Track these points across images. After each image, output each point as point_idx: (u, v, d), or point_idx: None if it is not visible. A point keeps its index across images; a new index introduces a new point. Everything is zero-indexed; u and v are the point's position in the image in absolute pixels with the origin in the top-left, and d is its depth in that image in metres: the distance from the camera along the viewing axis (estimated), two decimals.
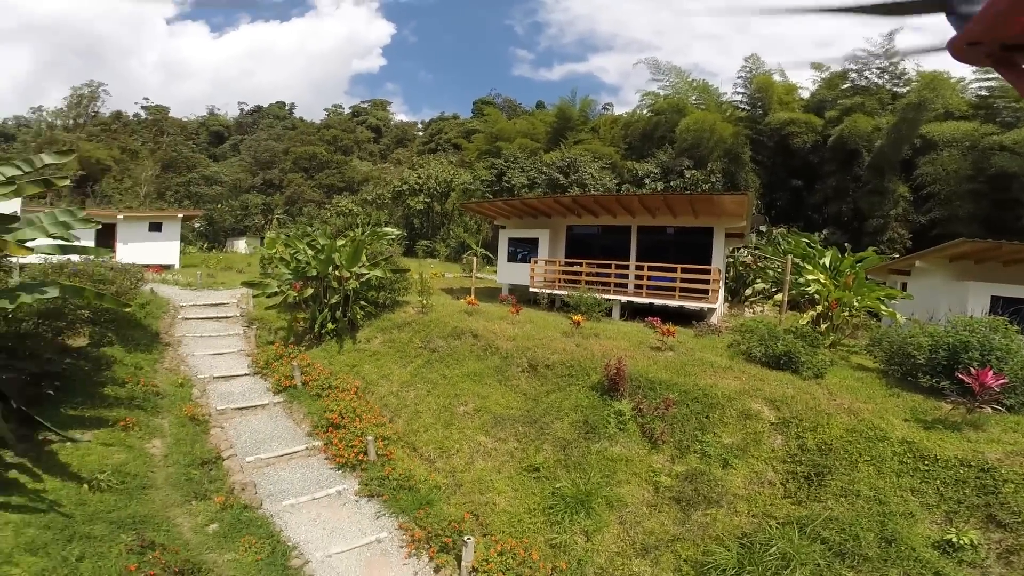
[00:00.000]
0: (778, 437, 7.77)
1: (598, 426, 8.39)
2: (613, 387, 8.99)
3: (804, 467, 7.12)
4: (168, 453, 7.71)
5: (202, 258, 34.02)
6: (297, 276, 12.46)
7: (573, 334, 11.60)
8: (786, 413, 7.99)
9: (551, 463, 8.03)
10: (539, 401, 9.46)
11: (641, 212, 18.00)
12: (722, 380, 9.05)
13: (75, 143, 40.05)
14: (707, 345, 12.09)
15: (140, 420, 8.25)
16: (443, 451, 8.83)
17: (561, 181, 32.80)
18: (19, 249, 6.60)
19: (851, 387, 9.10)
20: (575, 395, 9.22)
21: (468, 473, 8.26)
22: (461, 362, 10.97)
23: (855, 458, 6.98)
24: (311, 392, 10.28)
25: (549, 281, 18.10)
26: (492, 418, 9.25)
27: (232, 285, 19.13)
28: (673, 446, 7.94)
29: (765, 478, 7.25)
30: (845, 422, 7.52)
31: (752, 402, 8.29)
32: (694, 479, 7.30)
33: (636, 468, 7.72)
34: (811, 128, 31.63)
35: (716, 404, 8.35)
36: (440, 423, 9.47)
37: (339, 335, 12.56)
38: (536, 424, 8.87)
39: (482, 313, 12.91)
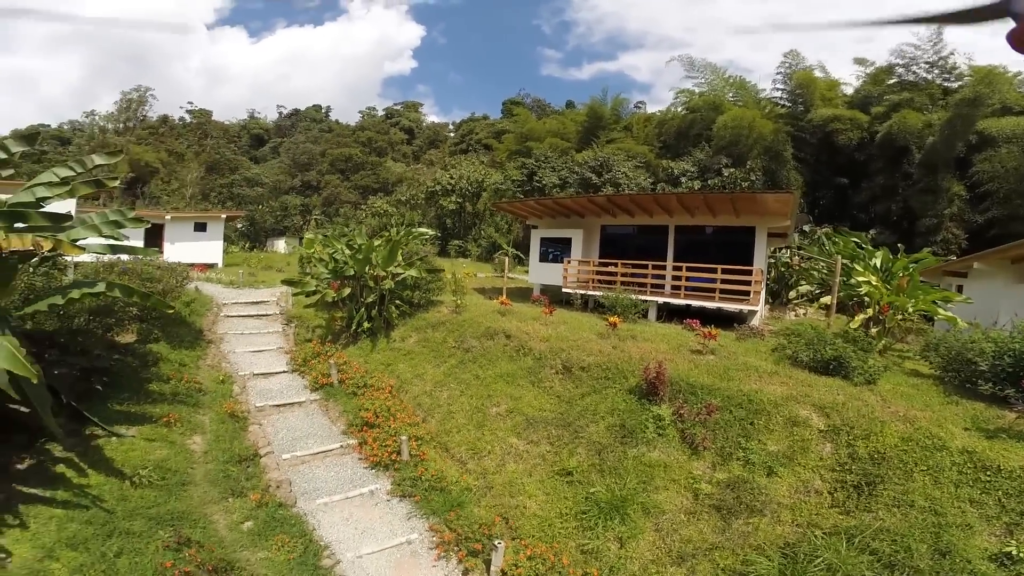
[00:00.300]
0: (827, 445, 7.32)
1: (635, 430, 8.11)
2: (652, 391, 8.68)
3: (854, 476, 6.74)
4: (208, 449, 7.81)
5: (243, 257, 35.07)
6: (335, 276, 12.58)
7: (609, 336, 11.28)
8: (836, 420, 7.54)
9: (585, 467, 7.81)
10: (573, 404, 9.22)
11: (679, 211, 17.48)
12: (767, 385, 8.63)
13: (125, 146, 41.91)
14: (750, 349, 11.61)
15: (183, 416, 8.40)
16: (475, 452, 8.71)
17: (594, 180, 32.35)
18: (72, 248, 6.76)
19: (906, 394, 8.60)
20: (611, 398, 8.94)
21: (499, 475, 8.11)
22: (494, 363, 10.82)
23: (910, 467, 6.59)
24: (347, 390, 10.31)
25: (583, 281, 17.77)
26: (525, 420, 9.09)
27: (272, 284, 19.56)
28: (715, 453, 7.60)
29: (812, 487, 6.82)
30: (900, 430, 7.09)
31: (800, 408, 7.87)
32: (736, 487, 6.96)
33: (675, 474, 7.43)
34: (856, 125, 30.27)
35: (761, 410, 7.95)
36: (472, 424, 9.36)
37: (374, 334, 12.60)
38: (570, 427, 8.66)
39: (515, 313, 12.73)
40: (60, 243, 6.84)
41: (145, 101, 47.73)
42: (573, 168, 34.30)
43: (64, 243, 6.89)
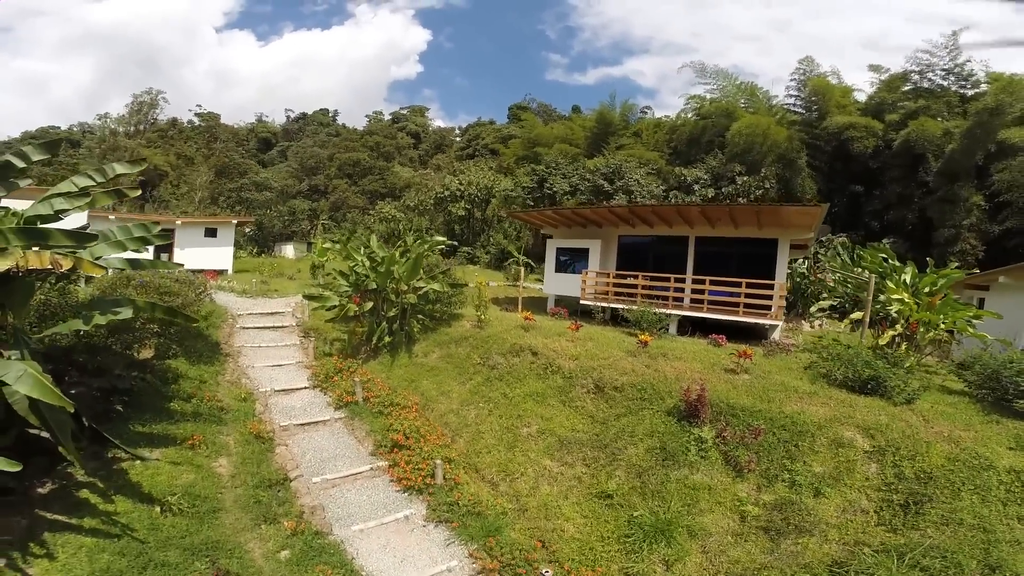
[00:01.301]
0: (872, 465, 7.34)
1: (677, 453, 8.01)
2: (693, 413, 8.54)
3: (900, 495, 6.83)
4: (235, 473, 7.55)
5: (254, 263, 34.90)
6: (356, 289, 12.33)
7: (639, 354, 11.00)
8: (881, 441, 7.58)
9: (625, 490, 7.71)
10: (608, 425, 9.03)
11: (700, 222, 17.23)
12: (809, 407, 8.58)
13: (137, 149, 41.88)
14: (781, 367, 11.36)
15: (207, 437, 8.14)
16: (507, 474, 8.52)
17: (606, 188, 32.10)
18: (94, 267, 6.52)
19: (946, 413, 8.51)
20: (649, 420, 8.79)
21: (533, 498, 7.95)
22: (522, 381, 10.57)
23: (957, 487, 6.69)
24: (372, 408, 10.05)
25: (601, 293, 17.50)
26: (557, 441, 8.91)
27: (285, 292, 19.31)
28: (759, 475, 7.56)
29: (858, 506, 6.86)
30: (945, 450, 7.21)
31: (844, 430, 7.88)
32: (784, 508, 7.00)
33: (720, 497, 7.38)
34: (871, 132, 29.99)
35: (805, 432, 7.94)
36: (503, 445, 9.15)
37: (396, 348, 12.35)
38: (606, 449, 8.50)
39: (539, 329, 12.46)
40: (81, 262, 6.60)
41: (156, 104, 47.83)
42: (584, 175, 34.04)
43: (85, 262, 6.65)
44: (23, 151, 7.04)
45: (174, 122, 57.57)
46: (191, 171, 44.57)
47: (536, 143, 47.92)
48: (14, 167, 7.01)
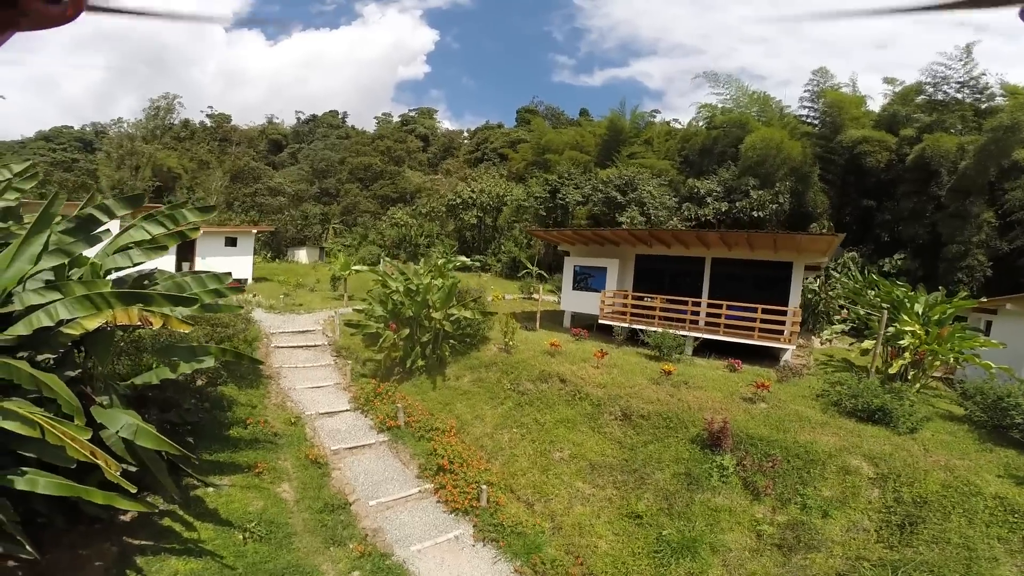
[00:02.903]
0: (875, 490, 8.37)
1: (701, 478, 8.93)
2: (716, 442, 9.42)
3: (898, 517, 7.78)
4: (299, 498, 8.34)
5: (269, 268, 35.73)
6: (393, 316, 13.09)
7: (662, 382, 11.77)
8: (884, 469, 8.54)
9: (654, 511, 8.65)
10: (636, 451, 9.90)
11: (718, 245, 17.93)
12: (821, 436, 9.45)
13: (153, 155, 42.79)
14: (795, 394, 12.16)
15: (267, 463, 8.93)
16: (541, 495, 9.37)
17: (619, 200, 32.75)
18: (181, 324, 7.19)
19: (945, 442, 9.51)
20: (675, 447, 9.67)
21: (568, 517, 8.83)
22: (552, 407, 11.34)
23: (948, 510, 7.65)
24: (414, 433, 10.85)
25: (619, 312, 18.21)
26: (588, 465, 9.78)
27: (311, 308, 20.06)
28: (775, 498, 8.50)
29: (861, 526, 7.81)
30: (941, 478, 8.12)
31: (851, 458, 8.77)
32: (795, 528, 8.01)
33: (739, 518, 8.34)
34: (885, 146, 30.44)
35: (816, 460, 8.85)
36: (536, 468, 9.99)
37: (429, 371, 13.13)
38: (635, 473, 9.39)
39: (565, 354, 13.21)
40: (169, 319, 7.21)
41: (173, 108, 48.79)
42: (597, 186, 34.68)
43: (173, 319, 7.28)
44: (107, 206, 7.72)
45: (186, 123, 58.45)
46: (205, 175, 45.46)
47: (546, 149, 48.51)
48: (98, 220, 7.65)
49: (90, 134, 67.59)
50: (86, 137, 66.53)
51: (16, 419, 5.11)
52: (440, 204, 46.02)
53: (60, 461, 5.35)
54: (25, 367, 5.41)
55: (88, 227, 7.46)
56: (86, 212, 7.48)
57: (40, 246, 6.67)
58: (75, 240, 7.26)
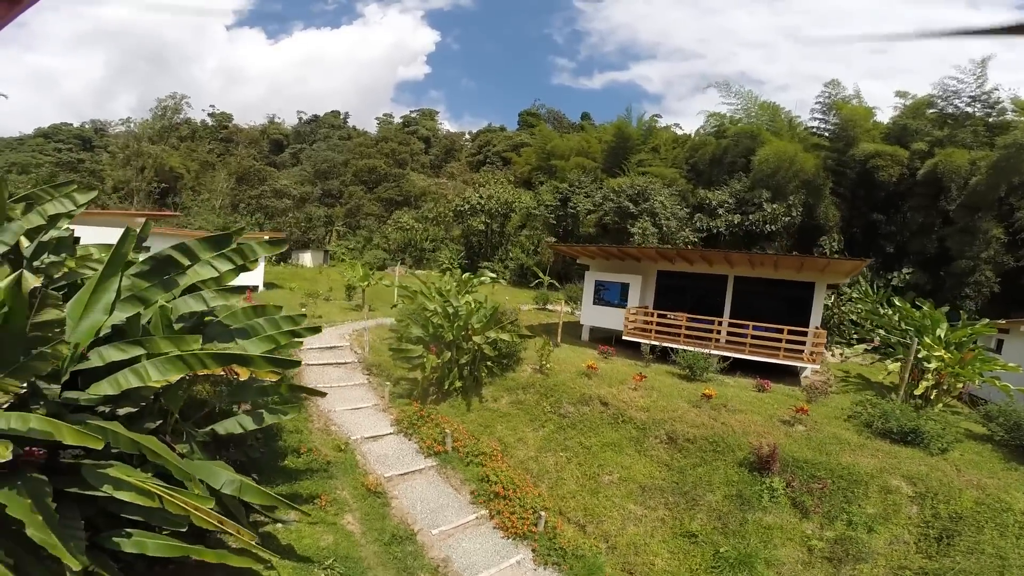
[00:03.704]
0: (914, 507, 9.17)
1: (752, 499, 9.54)
2: (765, 465, 9.99)
3: (935, 531, 8.73)
4: (364, 530, 8.50)
5: (275, 273, 35.69)
6: (433, 340, 13.25)
7: (702, 405, 12.09)
8: (921, 488, 9.38)
9: (708, 530, 9.24)
10: (685, 473, 10.36)
11: (742, 264, 18.24)
12: (861, 458, 10.19)
13: (160, 156, 42.63)
14: (828, 415, 12.66)
15: (328, 495, 9.08)
16: (592, 517, 9.79)
17: (631, 210, 33.04)
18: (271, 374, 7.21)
19: (974, 462, 10.28)
20: (724, 470, 10.20)
21: (622, 537, 9.33)
22: (595, 430, 11.62)
23: (981, 524, 8.55)
24: (462, 458, 11.02)
25: (642, 329, 18.45)
26: (638, 487, 10.24)
27: (332, 320, 20.08)
28: (822, 516, 9.22)
29: (902, 539, 8.73)
30: (974, 495, 9.05)
31: (891, 479, 9.59)
32: (843, 542, 8.72)
33: (790, 534, 9.03)
34: (897, 161, 30.89)
35: (859, 481, 9.60)
36: (586, 491, 10.38)
37: (466, 392, 13.32)
38: (687, 495, 9.91)
39: (602, 376, 13.45)
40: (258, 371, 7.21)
41: (180, 109, 48.61)
42: (608, 195, 34.95)
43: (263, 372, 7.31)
44: (188, 247, 7.56)
45: (187, 122, 58.12)
46: (210, 177, 45.34)
47: (552, 155, 48.74)
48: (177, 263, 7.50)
49: (89, 131, 67.00)
50: (85, 134, 65.91)
51: (130, 489, 5.13)
52: (447, 209, 46.14)
53: (171, 525, 5.43)
54: (123, 431, 5.36)
55: (165, 270, 7.22)
56: (164, 253, 7.23)
57: (113, 293, 6.38)
58: (150, 285, 7.02)
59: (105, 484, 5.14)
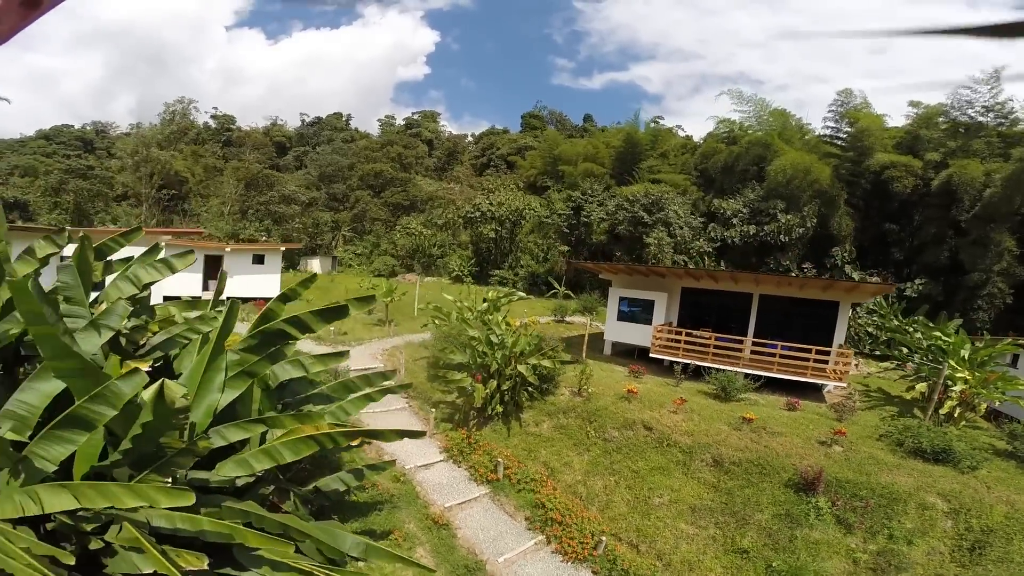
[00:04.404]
0: (949, 522, 10.07)
1: (799, 517, 10.30)
2: (810, 486, 10.75)
3: (968, 542, 9.64)
4: (438, 563, 8.88)
5: (285, 280, 35.79)
6: (478, 368, 13.62)
7: (742, 428, 12.61)
8: (955, 504, 10.28)
9: (759, 546, 9.98)
10: (733, 495, 11.04)
11: (766, 282, 18.71)
12: (898, 477, 11.05)
13: (169, 161, 42.75)
14: (860, 435, 13.34)
15: (399, 529, 9.44)
16: (645, 537, 10.44)
17: (645, 219, 33.48)
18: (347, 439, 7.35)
19: (1001, 479, 11.14)
20: (771, 491, 10.92)
21: (676, 555, 10.03)
22: (641, 454, 12.11)
23: (1011, 536, 9.47)
24: (514, 485, 11.43)
25: (667, 347, 18.84)
26: (688, 508, 10.89)
27: (360, 337, 20.43)
28: (865, 531, 10.04)
29: (938, 551, 9.65)
30: (1004, 510, 9.97)
31: (927, 496, 10.52)
32: (885, 554, 9.59)
33: (835, 548, 9.85)
34: (911, 171, 31.35)
35: (898, 499, 10.47)
36: (637, 513, 11.01)
37: (507, 416, 13.72)
38: (736, 515, 10.60)
39: (641, 399, 13.87)
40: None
41: (188, 114, 48.65)
42: (622, 204, 35.36)
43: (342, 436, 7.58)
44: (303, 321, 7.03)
45: (192, 126, 58.11)
46: (217, 183, 45.46)
47: (559, 159, 49.07)
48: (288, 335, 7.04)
49: (91, 133, 66.99)
50: (87, 136, 65.90)
51: (289, 570, 5.23)
52: (457, 215, 46.47)
53: None
54: (266, 513, 5.48)
55: (274, 342, 6.97)
56: (275, 327, 6.95)
57: (223, 372, 6.25)
58: (260, 359, 6.84)
59: (263, 566, 5.27)
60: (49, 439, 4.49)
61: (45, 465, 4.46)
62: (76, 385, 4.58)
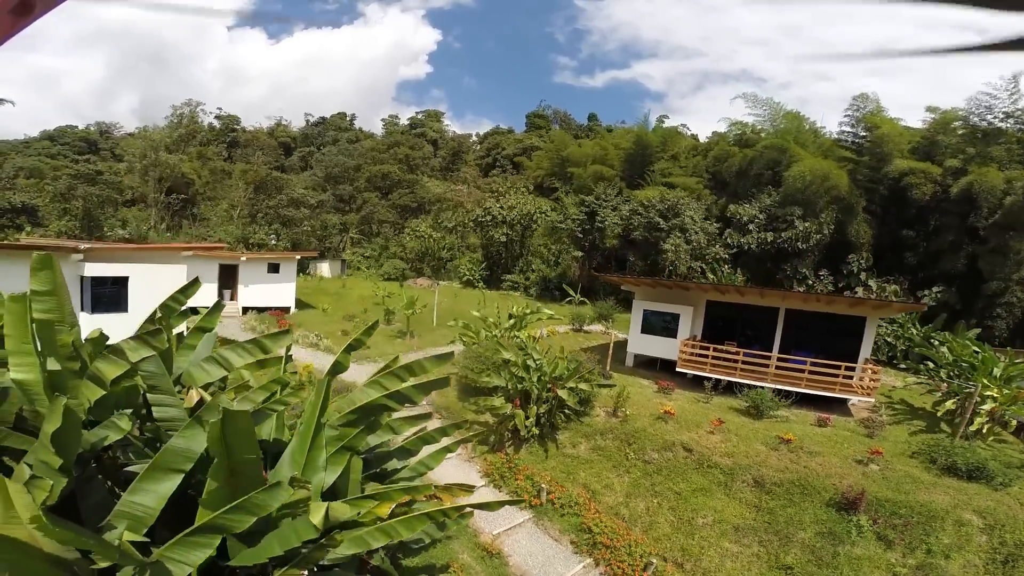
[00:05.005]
0: (984, 537, 10.66)
1: (841, 535, 10.79)
2: (852, 506, 11.23)
3: (1002, 555, 10.24)
4: None
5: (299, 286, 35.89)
6: (516, 392, 13.79)
7: (780, 448, 12.86)
8: (990, 520, 10.87)
9: (803, 562, 10.48)
10: (775, 514, 11.46)
11: (795, 299, 18.92)
12: (935, 495, 11.59)
13: (178, 165, 42.85)
14: (895, 452, 13.72)
15: (455, 560, 9.65)
16: (690, 556, 10.86)
17: (661, 226, 33.64)
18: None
19: None
20: (812, 510, 11.36)
21: (720, 573, 10.47)
22: (683, 476, 12.40)
23: None
24: (556, 508, 11.65)
25: (693, 361, 19.01)
26: (732, 528, 11.28)
27: (381, 350, 20.40)
28: (904, 546, 10.62)
29: (973, 563, 10.26)
30: None
31: (964, 513, 11.10)
32: (924, 568, 10.21)
33: (876, 563, 10.38)
34: (930, 178, 31.46)
35: (936, 516, 11.04)
36: (681, 533, 11.38)
37: (542, 439, 13.92)
38: (779, 533, 11.03)
39: (677, 420, 14.09)
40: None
41: (196, 117, 48.72)
42: (637, 209, 35.49)
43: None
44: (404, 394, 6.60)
45: (199, 129, 58.09)
46: (226, 186, 45.53)
47: (567, 161, 49.14)
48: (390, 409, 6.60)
49: (95, 133, 67.12)
50: (91, 137, 66.04)
51: None
52: (467, 218, 46.61)
53: None
54: None
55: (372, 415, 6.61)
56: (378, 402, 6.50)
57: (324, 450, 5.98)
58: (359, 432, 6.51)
59: None
60: (185, 545, 4.53)
61: (181, 569, 4.53)
62: (212, 495, 4.63)
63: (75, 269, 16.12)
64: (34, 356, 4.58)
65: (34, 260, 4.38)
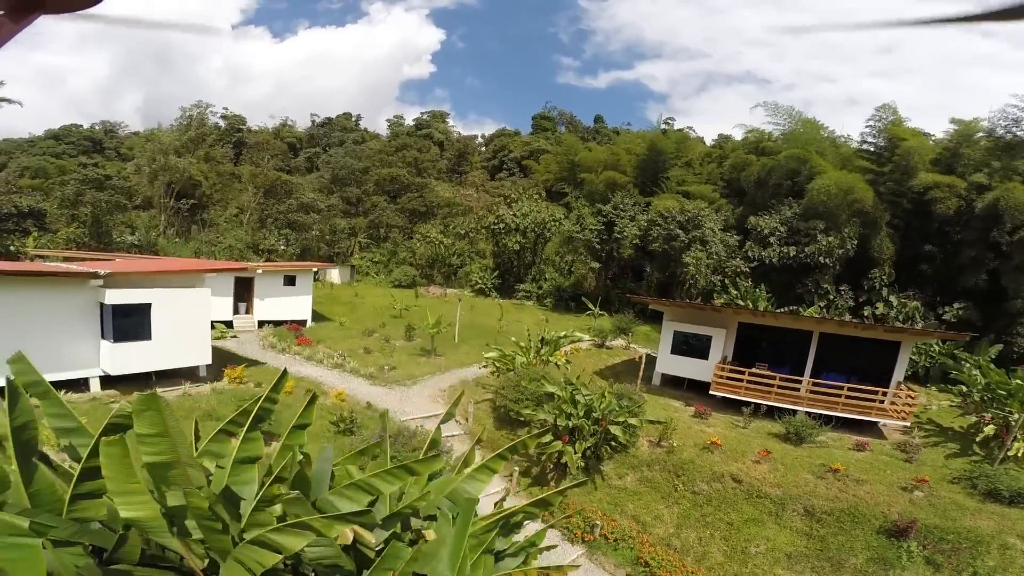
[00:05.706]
0: None
1: (892, 560, 11.40)
2: (902, 533, 11.85)
3: None
4: None
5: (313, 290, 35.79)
6: (564, 430, 13.95)
7: (827, 476, 13.17)
8: None
9: None
10: (827, 541, 11.95)
11: (829, 324, 19.19)
12: (980, 521, 12.18)
13: (187, 169, 42.85)
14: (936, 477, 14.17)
15: None
16: None
17: (681, 237, 33.86)
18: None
19: None
20: (863, 538, 11.91)
21: None
22: (733, 506, 12.71)
23: None
24: (611, 544, 11.90)
25: (733, 385, 19.19)
26: (784, 556, 11.73)
27: (407, 371, 20.31)
28: (951, 569, 11.21)
29: None
30: None
31: (1008, 537, 11.73)
32: None
33: None
34: (955, 192, 31.62)
35: (981, 540, 11.64)
36: (734, 562, 11.80)
37: (588, 471, 14.12)
38: (831, 560, 11.55)
39: (723, 450, 14.32)
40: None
41: (205, 120, 48.69)
42: (656, 220, 35.68)
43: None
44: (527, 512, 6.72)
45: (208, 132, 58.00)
46: (235, 191, 45.56)
47: (577, 166, 49.16)
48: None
49: (99, 133, 67.08)
50: (96, 136, 66.01)
51: None
52: (479, 225, 46.77)
53: None
54: None
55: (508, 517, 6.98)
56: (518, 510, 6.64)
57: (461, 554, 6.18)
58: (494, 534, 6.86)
59: None
60: None
61: None
62: None
63: (94, 295, 15.75)
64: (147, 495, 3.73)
65: (137, 402, 3.75)
